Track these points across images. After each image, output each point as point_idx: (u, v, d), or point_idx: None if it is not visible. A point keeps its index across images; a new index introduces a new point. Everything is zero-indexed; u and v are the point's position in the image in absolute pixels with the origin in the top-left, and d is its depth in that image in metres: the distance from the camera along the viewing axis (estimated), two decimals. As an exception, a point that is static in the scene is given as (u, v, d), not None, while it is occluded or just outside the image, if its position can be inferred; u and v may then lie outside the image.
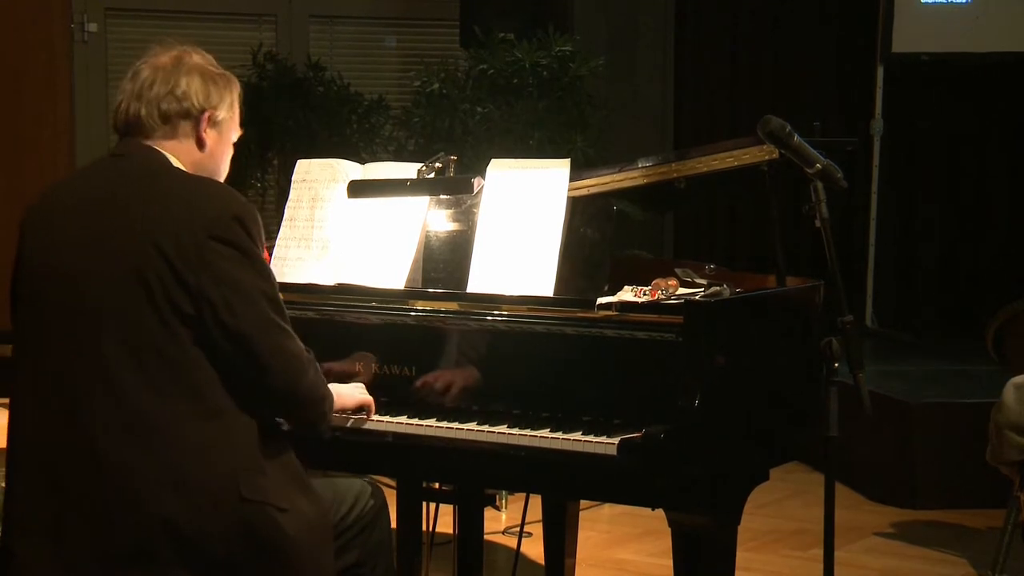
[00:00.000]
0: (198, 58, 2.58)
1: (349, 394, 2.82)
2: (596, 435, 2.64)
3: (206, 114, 2.54)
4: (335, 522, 2.60)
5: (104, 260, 2.38)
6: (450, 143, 5.70)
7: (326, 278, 3.16)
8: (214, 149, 2.58)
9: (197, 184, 2.49)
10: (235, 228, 2.39)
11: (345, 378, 2.95)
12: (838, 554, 2.78)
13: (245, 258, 2.39)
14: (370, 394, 2.87)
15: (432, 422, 2.81)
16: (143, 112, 2.51)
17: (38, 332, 2.44)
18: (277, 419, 2.53)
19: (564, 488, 3.05)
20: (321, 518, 2.49)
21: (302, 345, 2.50)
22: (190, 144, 2.54)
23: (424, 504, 3.48)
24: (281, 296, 2.48)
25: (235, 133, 2.65)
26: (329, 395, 2.58)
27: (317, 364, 2.54)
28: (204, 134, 2.55)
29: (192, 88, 2.52)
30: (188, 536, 2.32)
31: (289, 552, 2.39)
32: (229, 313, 2.36)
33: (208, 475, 2.34)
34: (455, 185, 3.12)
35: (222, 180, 2.61)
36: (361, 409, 2.84)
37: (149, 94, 2.51)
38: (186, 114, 2.52)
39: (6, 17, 6.95)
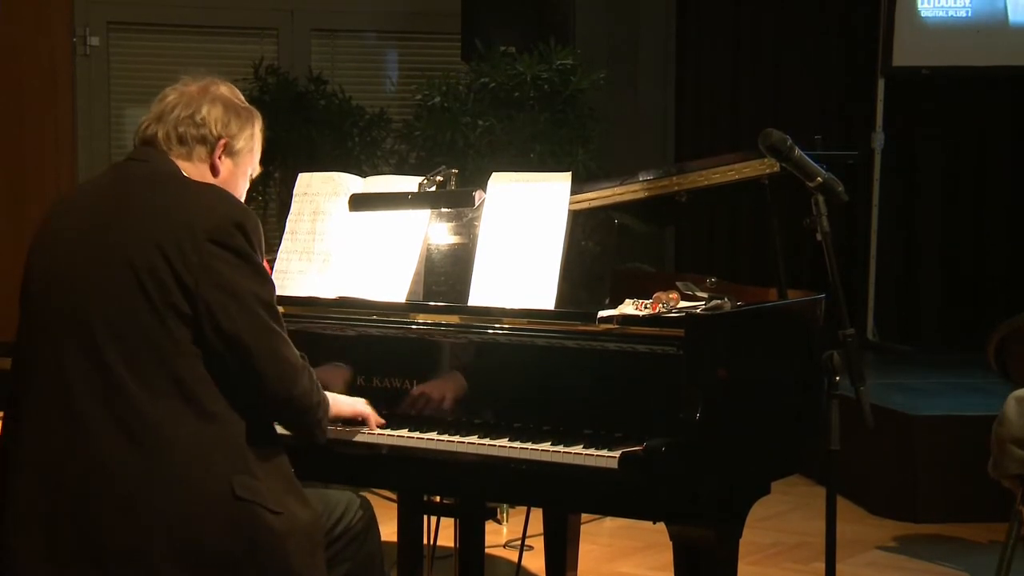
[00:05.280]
0: (225, 90, 2.62)
1: (346, 402, 2.82)
2: (597, 448, 2.64)
3: (222, 141, 2.58)
4: (324, 532, 2.60)
5: (105, 262, 2.40)
6: (451, 156, 5.70)
7: (327, 291, 3.16)
8: (228, 178, 2.61)
9: (201, 190, 2.52)
10: (236, 234, 2.41)
11: (344, 390, 2.94)
12: (840, 568, 2.77)
13: (244, 263, 2.42)
14: (371, 407, 2.87)
15: (433, 435, 2.81)
16: (160, 133, 2.55)
17: (40, 334, 2.46)
18: (273, 424, 2.54)
19: (565, 501, 3.05)
20: (313, 523, 2.50)
21: (296, 352, 2.51)
22: (204, 168, 2.58)
23: (425, 517, 3.48)
24: (279, 304, 2.50)
25: (253, 168, 2.68)
26: (324, 401, 2.58)
27: (311, 370, 2.54)
28: (218, 160, 2.59)
29: (212, 116, 2.57)
30: (181, 535, 2.33)
31: (282, 554, 2.40)
32: (225, 317, 2.38)
33: (202, 475, 2.36)
34: (456, 198, 3.12)
35: None
36: (356, 420, 2.84)
37: (170, 116, 2.56)
38: (203, 139, 2.56)
39: (8, 30, 6.97)
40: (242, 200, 2.65)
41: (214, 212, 2.42)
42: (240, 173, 2.64)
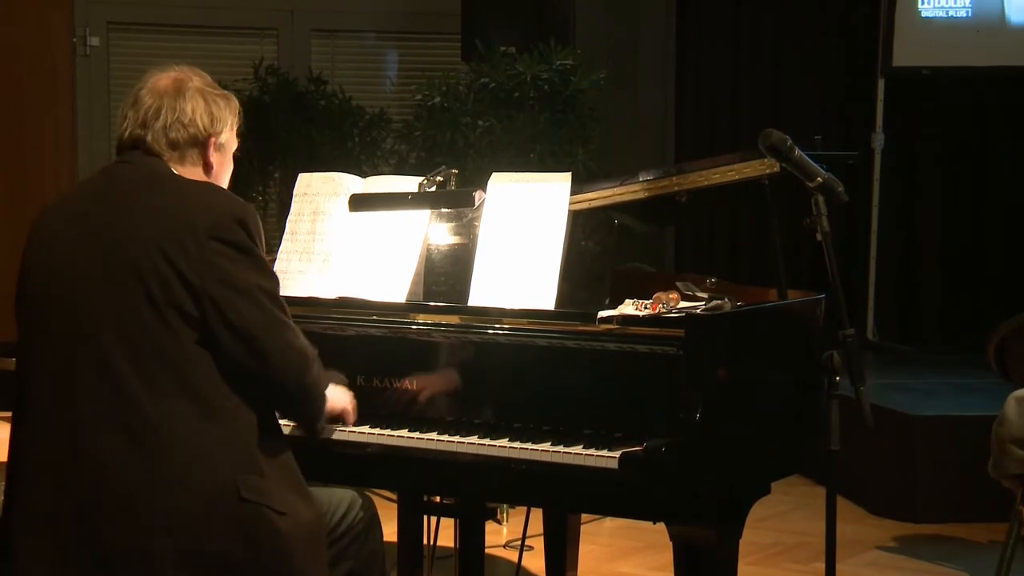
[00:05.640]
0: (198, 80, 2.60)
1: (338, 398, 2.80)
2: (597, 449, 2.64)
3: (212, 140, 2.58)
4: (327, 530, 2.61)
5: (105, 263, 2.41)
6: (451, 156, 5.71)
7: (327, 291, 3.16)
8: (219, 170, 2.63)
9: (198, 188, 2.52)
10: (236, 229, 2.42)
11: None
12: (840, 568, 2.77)
13: (247, 258, 2.43)
14: (371, 407, 2.87)
15: (433, 435, 2.81)
16: (148, 138, 2.54)
17: (40, 335, 2.46)
18: (279, 417, 2.56)
19: (565, 501, 3.05)
20: (317, 523, 2.51)
21: (306, 340, 2.53)
22: (197, 170, 2.58)
23: (425, 517, 3.47)
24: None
25: (234, 146, 2.69)
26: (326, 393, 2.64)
27: (320, 360, 2.57)
28: (211, 158, 2.59)
29: (197, 113, 2.56)
30: (182, 535, 2.33)
31: (286, 554, 2.40)
32: (233, 312, 2.39)
33: (207, 476, 2.36)
34: (456, 198, 3.12)
35: None
36: (338, 419, 2.80)
37: (155, 124, 2.54)
38: (193, 140, 2.56)
39: (8, 30, 6.97)
40: (228, 181, 2.66)
41: (214, 209, 2.43)
42: (227, 161, 2.66)
